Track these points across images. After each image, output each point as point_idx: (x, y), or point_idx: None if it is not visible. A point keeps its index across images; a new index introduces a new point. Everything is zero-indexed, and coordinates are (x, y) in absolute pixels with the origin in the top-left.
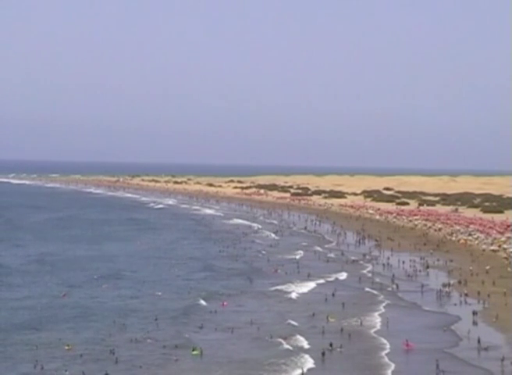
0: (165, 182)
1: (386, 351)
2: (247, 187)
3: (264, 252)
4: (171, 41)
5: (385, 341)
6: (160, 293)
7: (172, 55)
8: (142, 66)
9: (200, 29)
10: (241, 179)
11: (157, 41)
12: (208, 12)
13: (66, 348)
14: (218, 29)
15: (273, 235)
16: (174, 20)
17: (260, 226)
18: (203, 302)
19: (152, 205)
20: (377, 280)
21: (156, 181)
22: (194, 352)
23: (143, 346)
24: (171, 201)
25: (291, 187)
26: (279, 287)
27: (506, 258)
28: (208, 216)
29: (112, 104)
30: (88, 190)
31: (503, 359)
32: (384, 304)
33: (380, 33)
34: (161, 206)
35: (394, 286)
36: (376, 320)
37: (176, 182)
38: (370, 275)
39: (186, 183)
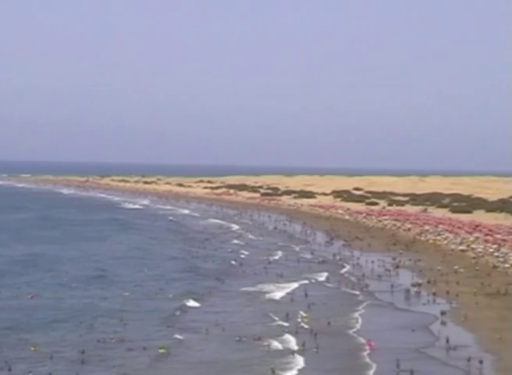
0: (135, 182)
1: (367, 352)
2: (216, 188)
3: (236, 253)
4: (140, 33)
5: (364, 340)
6: (127, 293)
7: (141, 52)
8: (105, 63)
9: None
10: (211, 179)
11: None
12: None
13: (32, 349)
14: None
15: (245, 235)
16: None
17: (231, 227)
18: (173, 303)
19: (124, 205)
20: (352, 279)
21: (126, 181)
22: (161, 351)
23: (111, 346)
24: (143, 202)
25: (261, 187)
26: (251, 288)
27: (474, 258)
28: (178, 215)
29: (77, 103)
30: (60, 190)
31: (469, 360)
32: (362, 304)
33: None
34: (133, 206)
35: (364, 286)
36: (355, 320)
37: (145, 182)
38: (346, 275)
39: (155, 183)
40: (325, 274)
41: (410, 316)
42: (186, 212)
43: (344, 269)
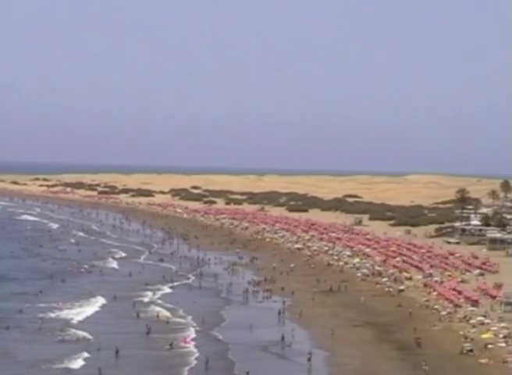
0: None
1: (234, 350)
2: (53, 186)
3: (75, 252)
4: None
5: (225, 339)
6: None
7: None
8: None
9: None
10: (47, 177)
11: None
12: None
13: None
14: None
15: (81, 234)
16: None
17: (67, 225)
18: (4, 304)
19: None
20: (206, 278)
21: None
22: None
23: None
24: None
25: (98, 185)
26: (89, 287)
27: (310, 256)
28: (15, 214)
29: None
30: None
31: (309, 359)
32: (219, 302)
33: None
34: None
35: (219, 285)
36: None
37: None
38: (203, 274)
39: None
40: (169, 273)
41: (250, 314)
42: (22, 210)
43: (182, 267)
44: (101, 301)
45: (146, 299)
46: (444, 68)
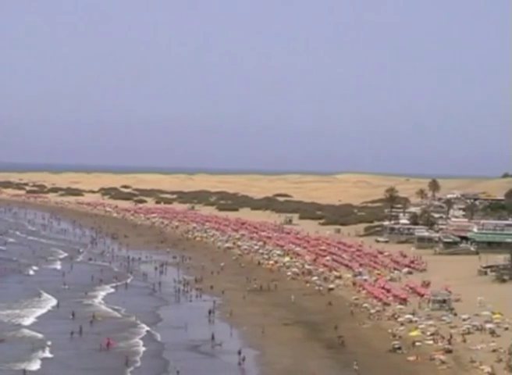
0: None
1: (168, 350)
2: None
3: (13, 251)
4: None
5: (161, 339)
6: None
7: None
8: None
9: None
10: None
11: None
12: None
13: None
14: None
15: (18, 233)
16: None
17: None
18: None
19: None
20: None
21: None
22: None
23: None
24: None
25: (26, 184)
26: (23, 286)
27: (240, 255)
28: None
29: None
30: None
31: (243, 359)
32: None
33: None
34: None
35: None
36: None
37: None
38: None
39: None
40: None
41: (184, 313)
42: None
43: (112, 266)
44: (35, 301)
45: (82, 299)
46: (371, 66)
